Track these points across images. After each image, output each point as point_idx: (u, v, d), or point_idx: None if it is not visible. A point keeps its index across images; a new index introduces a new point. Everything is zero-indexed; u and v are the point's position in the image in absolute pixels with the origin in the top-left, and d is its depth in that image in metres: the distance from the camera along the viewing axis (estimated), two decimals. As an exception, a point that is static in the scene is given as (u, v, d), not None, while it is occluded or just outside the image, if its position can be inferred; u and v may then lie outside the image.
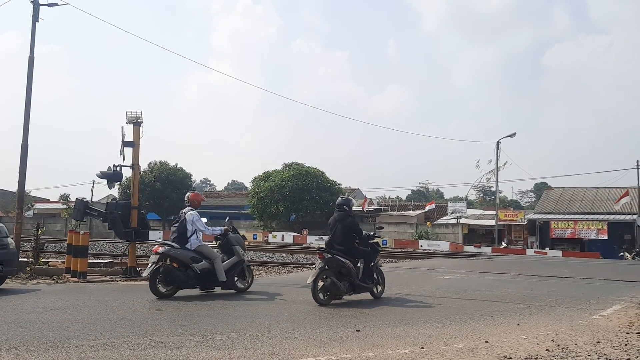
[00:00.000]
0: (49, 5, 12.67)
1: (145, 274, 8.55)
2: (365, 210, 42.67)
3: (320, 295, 7.62)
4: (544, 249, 33.08)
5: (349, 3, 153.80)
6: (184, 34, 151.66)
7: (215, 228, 9.08)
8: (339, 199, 8.81)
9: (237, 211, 44.96)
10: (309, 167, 41.58)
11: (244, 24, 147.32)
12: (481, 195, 74.92)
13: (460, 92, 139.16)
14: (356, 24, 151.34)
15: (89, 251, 11.33)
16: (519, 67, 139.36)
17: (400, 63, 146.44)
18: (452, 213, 42.02)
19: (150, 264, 8.21)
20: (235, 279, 8.81)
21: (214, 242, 9.35)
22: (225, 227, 9.06)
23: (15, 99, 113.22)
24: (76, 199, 11.91)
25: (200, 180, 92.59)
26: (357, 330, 5.77)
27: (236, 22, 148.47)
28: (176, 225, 8.71)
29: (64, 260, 11.69)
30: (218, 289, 8.79)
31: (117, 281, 10.35)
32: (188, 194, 9.17)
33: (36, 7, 12.51)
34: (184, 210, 8.82)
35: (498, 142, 37.30)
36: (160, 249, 8.21)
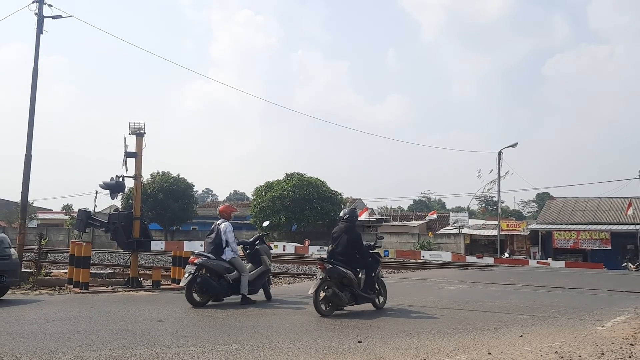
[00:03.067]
0: (54, 17, 12.81)
1: (182, 283, 8.86)
2: (366, 220, 42.62)
3: (322, 306, 7.61)
4: (547, 259, 32.97)
5: (349, 14, 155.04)
6: (185, 44, 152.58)
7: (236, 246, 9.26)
8: (346, 209, 8.83)
9: (239, 221, 44.91)
10: (310, 177, 41.63)
11: (245, 35, 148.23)
12: (483, 205, 74.69)
13: (460, 102, 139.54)
14: (356, 35, 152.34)
15: (91, 262, 11.32)
16: (519, 77, 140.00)
17: (400, 73, 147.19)
18: (454, 223, 41.98)
19: (186, 274, 8.50)
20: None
21: (242, 253, 9.65)
22: (258, 235, 9.70)
23: (18, 110, 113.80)
24: (79, 209, 11.93)
25: (203, 191, 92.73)
26: (359, 342, 5.75)
27: (237, 33, 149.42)
28: (211, 237, 8.98)
29: (67, 271, 11.68)
30: (229, 299, 8.93)
31: (119, 292, 10.33)
32: (219, 207, 9.55)
33: (40, 19, 12.65)
34: (218, 222, 9.14)
35: (500, 152, 37.38)
36: (197, 260, 8.54)
